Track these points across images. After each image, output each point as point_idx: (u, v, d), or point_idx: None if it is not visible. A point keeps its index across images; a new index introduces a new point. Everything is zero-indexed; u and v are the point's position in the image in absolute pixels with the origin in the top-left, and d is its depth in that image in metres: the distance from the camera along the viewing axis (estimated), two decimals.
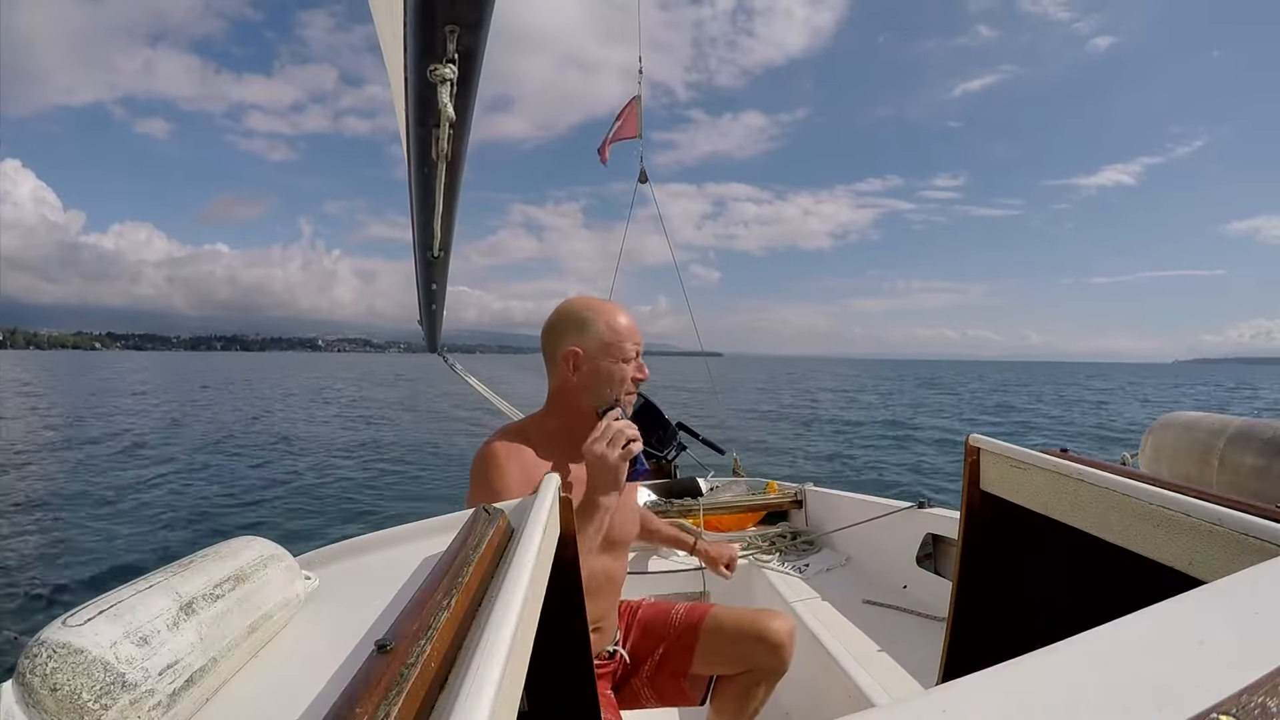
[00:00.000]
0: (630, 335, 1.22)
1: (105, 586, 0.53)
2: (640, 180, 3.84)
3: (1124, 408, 23.40)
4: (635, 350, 1.23)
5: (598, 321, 1.20)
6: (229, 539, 0.68)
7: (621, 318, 1.22)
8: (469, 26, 0.80)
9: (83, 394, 26.18)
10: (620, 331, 1.21)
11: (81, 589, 4.43)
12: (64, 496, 7.48)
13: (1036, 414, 20.76)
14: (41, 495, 7.59)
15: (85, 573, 4.82)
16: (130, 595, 0.50)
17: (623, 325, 1.22)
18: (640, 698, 1.35)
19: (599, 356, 1.19)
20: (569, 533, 0.78)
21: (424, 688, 0.42)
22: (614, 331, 1.20)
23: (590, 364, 1.19)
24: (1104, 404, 23.01)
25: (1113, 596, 0.61)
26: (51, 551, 5.36)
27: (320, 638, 0.63)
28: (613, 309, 1.23)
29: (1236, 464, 1.99)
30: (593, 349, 1.19)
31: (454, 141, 1.04)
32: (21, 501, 7.27)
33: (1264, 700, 0.34)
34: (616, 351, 1.20)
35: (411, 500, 7.55)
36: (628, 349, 1.21)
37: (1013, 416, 19.70)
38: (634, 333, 1.23)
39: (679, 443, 3.04)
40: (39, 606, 4.16)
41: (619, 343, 1.20)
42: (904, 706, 0.36)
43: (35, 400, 21.82)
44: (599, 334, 1.19)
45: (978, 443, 1.13)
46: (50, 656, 0.43)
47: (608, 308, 1.22)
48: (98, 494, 7.62)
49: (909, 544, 1.95)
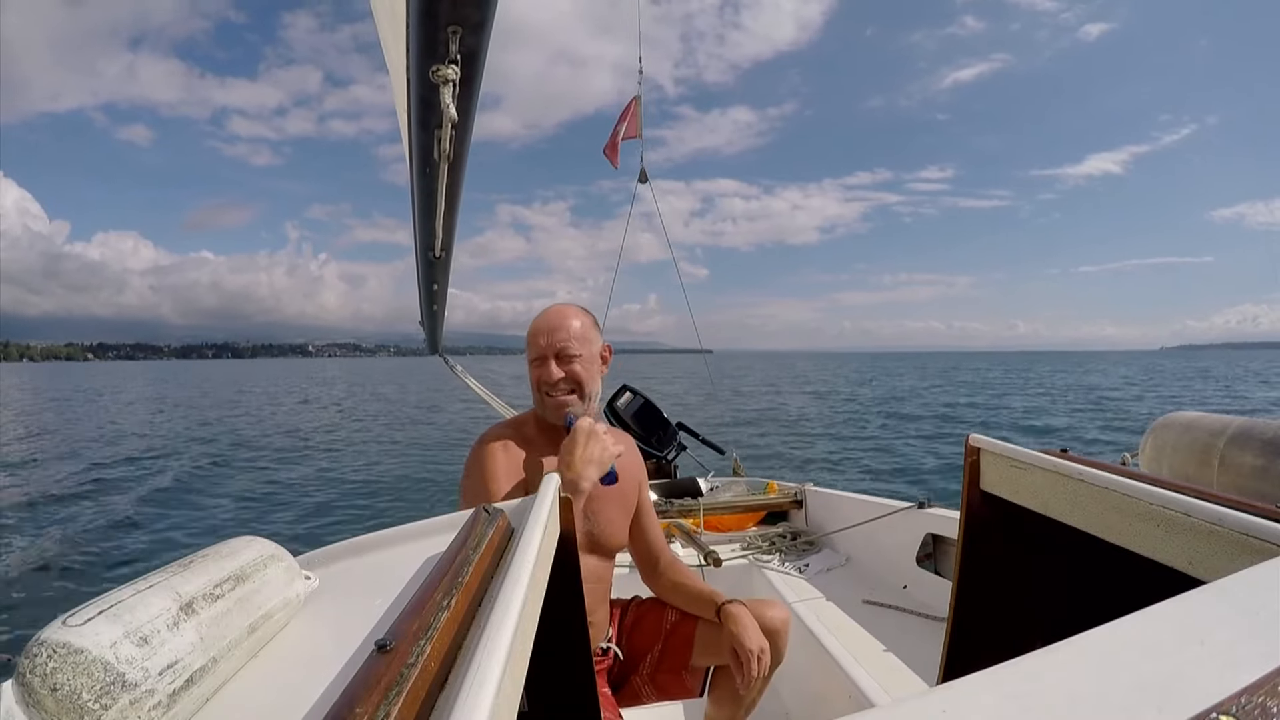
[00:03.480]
0: (533, 338, 1.21)
1: (105, 586, 0.53)
2: (640, 180, 3.84)
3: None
4: (538, 352, 1.19)
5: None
6: (229, 539, 0.68)
7: (536, 320, 1.22)
8: (471, 27, 0.80)
9: (120, 405, 25.94)
10: (529, 335, 1.21)
11: (81, 589, 4.44)
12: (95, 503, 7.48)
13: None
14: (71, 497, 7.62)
15: (85, 572, 4.83)
16: (130, 595, 0.50)
17: (531, 328, 1.22)
18: (640, 694, 1.35)
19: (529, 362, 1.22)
20: (569, 533, 0.78)
21: (424, 688, 0.42)
22: (530, 336, 1.21)
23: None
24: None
25: (1112, 596, 0.62)
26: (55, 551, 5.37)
27: (320, 638, 0.63)
28: (541, 314, 1.23)
29: (1237, 464, 1.99)
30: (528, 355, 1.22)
31: (456, 142, 1.05)
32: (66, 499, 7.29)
33: (1264, 700, 0.34)
34: (531, 355, 1.21)
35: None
36: (533, 351, 1.20)
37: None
38: (538, 333, 1.20)
39: (679, 443, 3.04)
40: (38, 606, 4.16)
41: (531, 345, 1.21)
42: (904, 706, 0.36)
43: (69, 414, 21.46)
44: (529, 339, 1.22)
45: (978, 443, 1.13)
46: (50, 656, 0.43)
47: (543, 313, 1.23)
48: (114, 499, 7.63)
49: (909, 544, 1.95)
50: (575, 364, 1.18)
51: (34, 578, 4.71)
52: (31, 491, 7.98)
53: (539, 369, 1.19)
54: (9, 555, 5.17)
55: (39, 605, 4.17)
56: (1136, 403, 20.82)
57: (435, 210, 1.35)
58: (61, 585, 4.56)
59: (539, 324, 1.20)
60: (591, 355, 1.21)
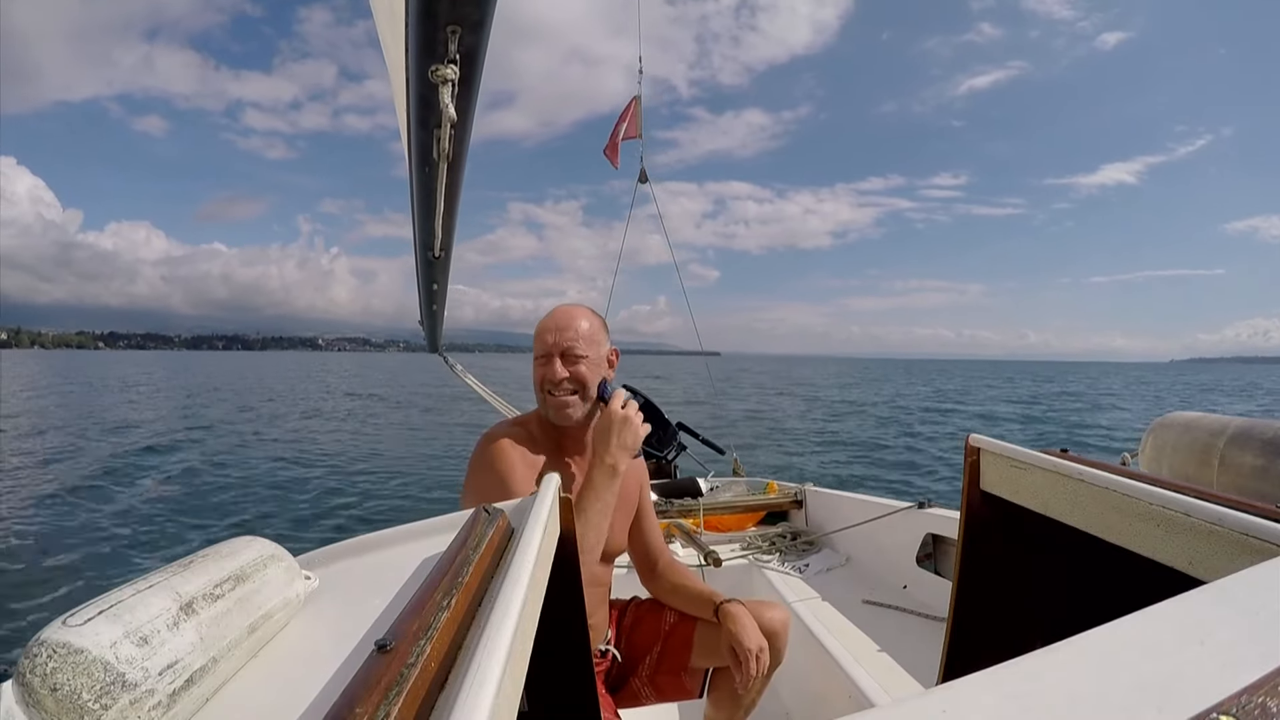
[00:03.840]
0: (541, 335, 1.20)
1: (105, 586, 0.53)
2: (640, 180, 3.84)
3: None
4: (544, 350, 1.19)
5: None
6: (229, 539, 0.68)
7: (545, 319, 1.21)
8: (470, 27, 0.80)
9: (157, 394, 25.69)
10: (537, 332, 1.21)
11: (81, 589, 4.44)
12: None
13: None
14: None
15: (85, 572, 4.82)
16: (130, 595, 0.50)
17: (540, 326, 1.21)
18: (640, 696, 1.35)
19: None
20: (569, 533, 0.78)
21: (424, 688, 0.42)
22: (537, 333, 1.21)
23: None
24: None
25: (1112, 596, 0.62)
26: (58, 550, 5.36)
27: (320, 638, 0.63)
28: (550, 313, 1.22)
29: (1237, 464, 1.99)
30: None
31: (455, 142, 1.05)
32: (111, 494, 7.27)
33: (1264, 700, 0.34)
34: (537, 352, 1.20)
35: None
36: (539, 349, 1.20)
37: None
38: (545, 331, 1.19)
39: (679, 443, 3.03)
40: (39, 607, 4.16)
41: (538, 343, 1.20)
42: (904, 706, 0.36)
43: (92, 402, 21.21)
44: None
45: (978, 443, 1.13)
46: (50, 656, 0.43)
47: (552, 312, 1.23)
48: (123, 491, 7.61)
49: (909, 544, 1.95)
50: (581, 365, 1.17)
51: (34, 577, 4.71)
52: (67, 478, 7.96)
53: (543, 367, 1.18)
54: (13, 555, 5.17)
55: (39, 605, 4.17)
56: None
57: (435, 210, 1.35)
58: (61, 585, 4.56)
59: (547, 322, 1.20)
60: (598, 358, 1.20)
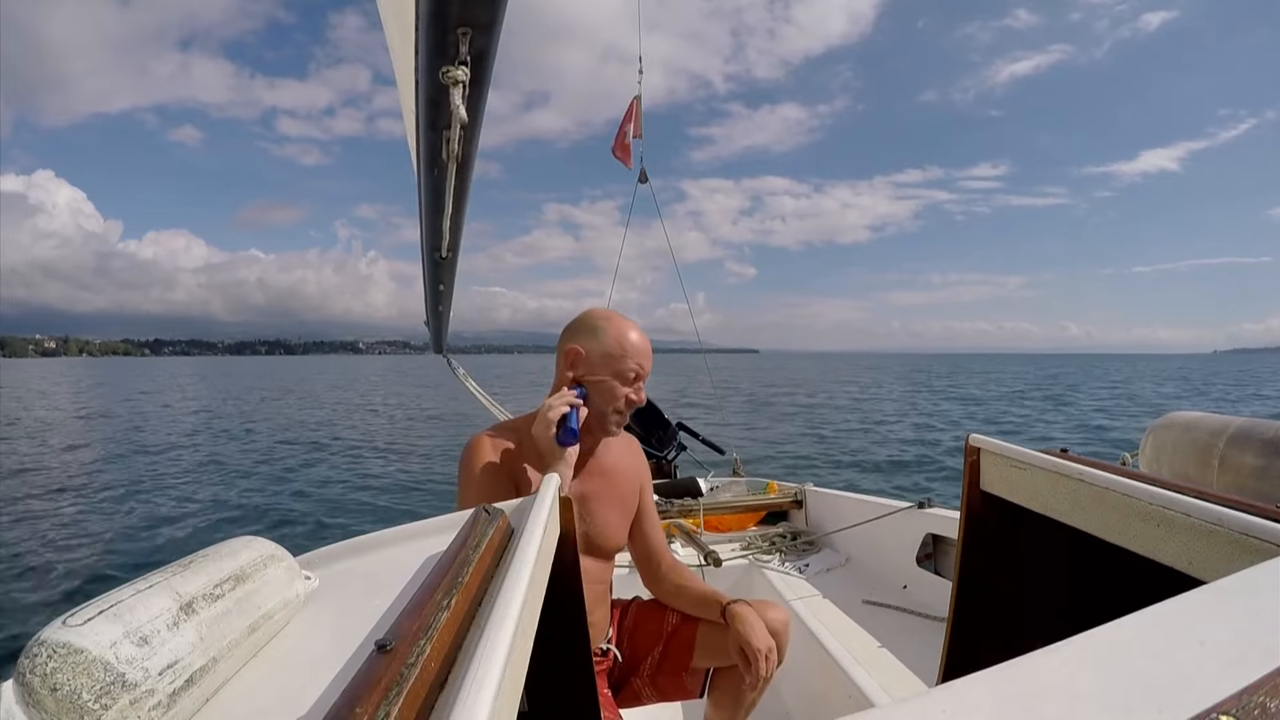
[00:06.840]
0: (636, 354, 1.18)
1: (105, 586, 0.53)
2: (640, 180, 3.84)
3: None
4: (636, 372, 1.19)
5: (609, 331, 1.18)
6: (229, 539, 0.68)
7: (634, 334, 1.19)
8: (481, 28, 0.80)
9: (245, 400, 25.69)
10: (627, 347, 1.18)
11: (81, 589, 4.44)
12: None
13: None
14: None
15: (85, 572, 4.82)
16: (130, 595, 0.50)
17: (632, 341, 1.19)
18: (641, 696, 1.35)
19: (599, 366, 1.18)
20: (569, 533, 0.78)
21: (424, 688, 0.42)
22: (620, 345, 1.17)
23: (587, 368, 1.18)
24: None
25: (1112, 596, 0.62)
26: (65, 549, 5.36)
27: (320, 638, 0.63)
28: (629, 325, 1.20)
29: (1237, 464, 1.99)
30: (595, 355, 1.17)
31: (465, 143, 1.05)
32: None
33: (1264, 700, 0.34)
34: (617, 365, 1.17)
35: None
36: (629, 367, 1.18)
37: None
38: (640, 353, 1.19)
39: (679, 443, 3.04)
40: (38, 606, 4.16)
41: (623, 357, 1.17)
42: (904, 706, 0.36)
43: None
44: (606, 343, 1.18)
45: (978, 443, 1.13)
46: (50, 656, 0.43)
47: (625, 323, 1.20)
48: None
49: (909, 544, 1.95)
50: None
51: (34, 578, 4.71)
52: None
53: (631, 390, 1.19)
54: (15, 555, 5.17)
55: (38, 605, 4.17)
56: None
57: (443, 211, 1.35)
58: (61, 585, 4.55)
59: (640, 345, 1.19)
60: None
